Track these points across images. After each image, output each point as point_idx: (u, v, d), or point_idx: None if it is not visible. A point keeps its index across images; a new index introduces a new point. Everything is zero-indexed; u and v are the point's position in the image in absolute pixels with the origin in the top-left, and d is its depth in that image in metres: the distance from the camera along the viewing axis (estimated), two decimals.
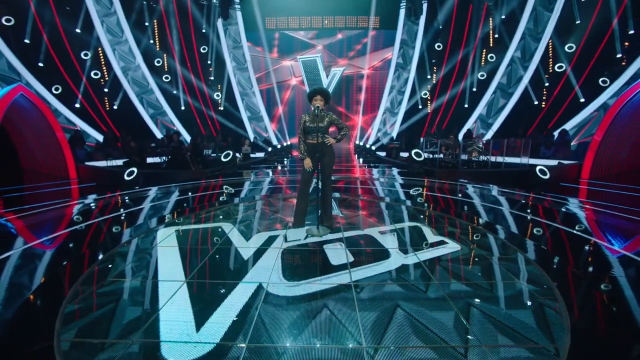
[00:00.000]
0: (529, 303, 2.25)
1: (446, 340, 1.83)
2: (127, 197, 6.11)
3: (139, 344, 1.81)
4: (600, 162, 9.33)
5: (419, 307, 2.18)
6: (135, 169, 7.71)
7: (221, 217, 4.50)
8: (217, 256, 3.08)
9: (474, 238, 3.60)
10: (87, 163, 10.56)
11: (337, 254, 3.08)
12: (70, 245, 3.52)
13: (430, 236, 3.61)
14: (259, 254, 3.10)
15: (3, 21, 10.97)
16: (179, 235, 3.67)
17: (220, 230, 3.89)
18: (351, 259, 2.96)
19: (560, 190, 6.89)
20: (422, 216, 4.53)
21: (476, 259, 3.00)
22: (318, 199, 3.87)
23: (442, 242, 3.39)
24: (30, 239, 3.64)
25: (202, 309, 2.15)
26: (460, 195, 6.30)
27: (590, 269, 2.89)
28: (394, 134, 15.87)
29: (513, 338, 1.85)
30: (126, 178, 7.61)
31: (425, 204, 5.43)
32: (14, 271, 2.79)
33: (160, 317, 2.06)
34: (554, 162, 9.96)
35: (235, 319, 2.05)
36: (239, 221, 4.28)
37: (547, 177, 7.56)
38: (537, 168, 7.60)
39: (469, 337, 1.86)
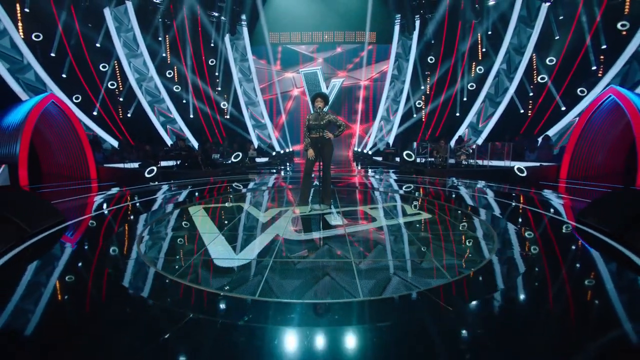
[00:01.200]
0: (472, 240, 3.09)
1: (409, 257, 2.68)
2: (155, 188, 6.97)
3: (198, 260, 2.65)
4: (577, 164, 10.21)
5: (394, 243, 3.03)
6: (154, 168, 8.59)
7: (238, 199, 5.36)
8: (241, 221, 3.93)
9: (444, 211, 4.45)
10: (105, 165, 11.44)
11: (335, 219, 3.94)
12: (128, 213, 4.37)
13: (410, 210, 4.46)
14: (273, 220, 3.95)
15: (33, 37, 12.06)
16: (207, 210, 4.52)
17: (239, 206, 4.74)
18: (346, 222, 3.81)
19: (533, 185, 7.74)
20: (406, 198, 5.38)
21: (441, 221, 3.85)
22: (319, 182, 4.74)
23: (417, 213, 4.24)
24: (101, 208, 4.49)
25: (237, 246, 2.99)
26: (440, 186, 7.15)
27: (521, 223, 3.73)
28: (390, 141, 16.83)
29: (457, 256, 2.70)
30: (147, 175, 8.48)
31: (410, 191, 6.28)
32: (102, 224, 3.64)
33: (208, 248, 2.91)
34: (536, 164, 10.85)
35: (262, 249, 2.89)
36: (254, 202, 5.14)
37: (524, 174, 8.43)
38: (515, 167, 8.48)
39: (425, 255, 2.70)
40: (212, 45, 16.54)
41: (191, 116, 16.64)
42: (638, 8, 11.40)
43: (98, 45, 13.94)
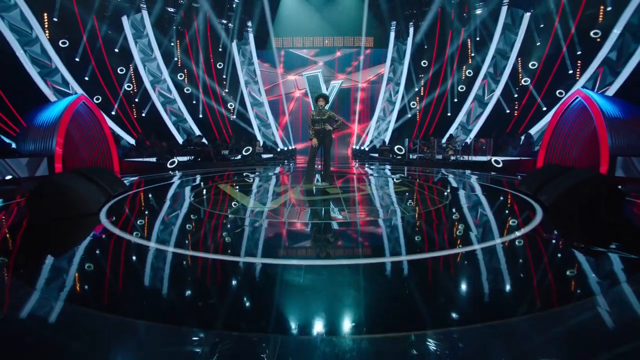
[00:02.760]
0: (431, 198, 4.28)
1: (385, 206, 3.86)
2: (181, 175, 8.15)
3: (238, 206, 3.83)
4: (552, 158, 11.35)
5: (377, 199, 4.21)
6: (176, 160, 9.77)
7: (254, 179, 6.53)
8: (261, 191, 5.11)
9: (420, 186, 5.63)
10: (126, 159, 12.60)
11: (333, 190, 5.12)
12: (172, 188, 5.55)
13: (392, 185, 5.65)
14: (285, 191, 5.13)
15: (60, 43, 13.28)
16: (234, 186, 5.70)
17: (257, 184, 5.92)
18: (341, 191, 4.99)
19: (509, 174, 8.91)
20: (391, 179, 6.56)
21: (415, 191, 5.03)
22: (321, 164, 5.92)
23: (400, 187, 5.43)
24: (148, 184, 5.67)
25: (261, 202, 4.17)
26: (422, 173, 8.33)
27: (474, 190, 4.90)
28: (386, 139, 18.03)
29: (417, 204, 3.88)
30: (169, 166, 9.65)
31: (396, 174, 7.46)
32: (159, 191, 4.81)
33: (244, 203, 4.09)
34: (517, 159, 12.02)
35: (280, 203, 4.07)
36: (267, 180, 6.31)
37: (500, 165, 9.60)
38: (492, 159, 9.66)
39: (397, 205, 3.88)
40: (220, 50, 17.77)
41: (200, 116, 17.84)
42: (609, 19, 12.60)
43: (116, 50, 15.15)
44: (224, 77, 18.12)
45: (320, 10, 18.85)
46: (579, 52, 13.36)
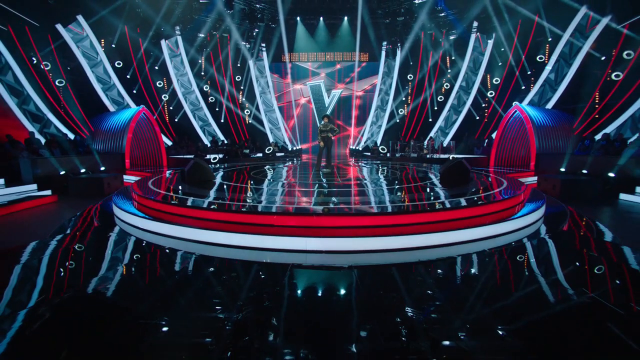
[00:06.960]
0: (397, 176, 7.72)
1: (372, 179, 7.32)
2: (228, 166, 11.56)
3: (269, 181, 7.28)
4: (502, 156, 14.78)
5: (367, 177, 7.66)
6: (217, 156, 13.20)
7: (275, 167, 9.96)
8: (283, 172, 8.54)
9: (401, 172, 9.04)
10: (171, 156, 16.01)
11: (335, 173, 8.55)
12: (236, 170, 8.95)
13: (381, 173, 9.09)
14: (300, 175, 8.55)
15: (115, 64, 16.72)
16: (264, 170, 9.13)
17: (277, 171, 9.36)
18: (340, 174, 8.42)
19: None
20: (379, 168, 9.98)
21: (394, 173, 8.45)
22: (326, 157, 9.36)
23: (386, 174, 8.88)
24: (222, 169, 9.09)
25: (280, 176, 7.62)
26: (398, 165, 11.74)
27: (419, 172, 8.30)
28: (378, 140, 21.46)
29: (391, 179, 7.32)
30: (212, 160, 13.07)
31: (380, 166, 10.88)
32: (240, 171, 8.24)
33: (270, 178, 7.53)
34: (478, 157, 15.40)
35: (296, 177, 7.51)
36: (286, 167, 9.74)
37: None
38: (451, 156, 13.06)
39: (379, 179, 7.32)
40: (239, 65, 21.21)
41: (222, 120, 21.29)
42: (551, 46, 15.99)
43: (157, 67, 18.59)
44: (242, 88, 21.56)
45: (322, 31, 22.24)
46: (529, 72, 16.78)
